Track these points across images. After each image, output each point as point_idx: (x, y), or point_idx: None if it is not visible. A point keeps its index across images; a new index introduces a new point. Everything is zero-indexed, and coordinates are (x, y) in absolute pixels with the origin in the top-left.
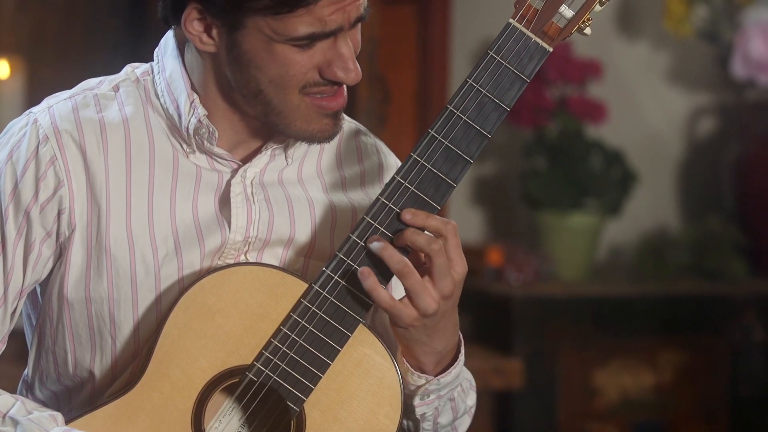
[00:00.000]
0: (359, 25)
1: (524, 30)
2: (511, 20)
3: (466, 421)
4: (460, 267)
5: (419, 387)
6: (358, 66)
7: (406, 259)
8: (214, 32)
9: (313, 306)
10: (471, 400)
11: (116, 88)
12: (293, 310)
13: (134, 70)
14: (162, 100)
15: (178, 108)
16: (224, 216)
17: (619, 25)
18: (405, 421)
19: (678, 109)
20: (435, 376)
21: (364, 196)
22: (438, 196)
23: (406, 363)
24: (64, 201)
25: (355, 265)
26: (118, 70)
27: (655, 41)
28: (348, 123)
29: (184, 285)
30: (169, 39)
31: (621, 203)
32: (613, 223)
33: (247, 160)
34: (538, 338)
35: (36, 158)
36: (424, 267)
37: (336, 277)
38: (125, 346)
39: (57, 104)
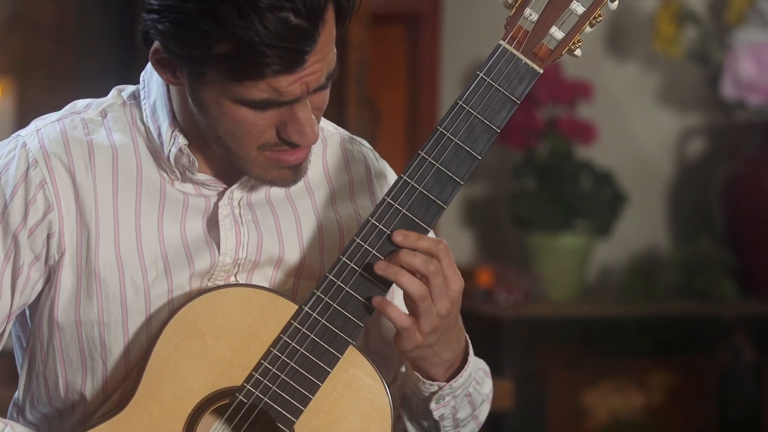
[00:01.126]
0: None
1: (514, 51)
2: (501, 42)
3: (485, 409)
4: (456, 284)
5: (433, 393)
6: (316, 128)
7: (424, 286)
8: (178, 73)
9: (303, 327)
10: (487, 387)
11: (104, 114)
12: (283, 331)
13: (121, 93)
14: (147, 126)
15: (160, 136)
16: (213, 238)
17: (609, 46)
18: (424, 423)
19: (668, 130)
20: (447, 381)
21: (353, 211)
22: (428, 217)
23: (416, 373)
24: (53, 225)
25: (346, 287)
26: (107, 93)
27: (644, 62)
28: (333, 133)
29: (174, 306)
30: None
31: (611, 224)
32: (602, 244)
33: (234, 181)
34: (528, 359)
35: (25, 182)
36: None
37: (326, 299)
38: (116, 368)
39: (45, 127)
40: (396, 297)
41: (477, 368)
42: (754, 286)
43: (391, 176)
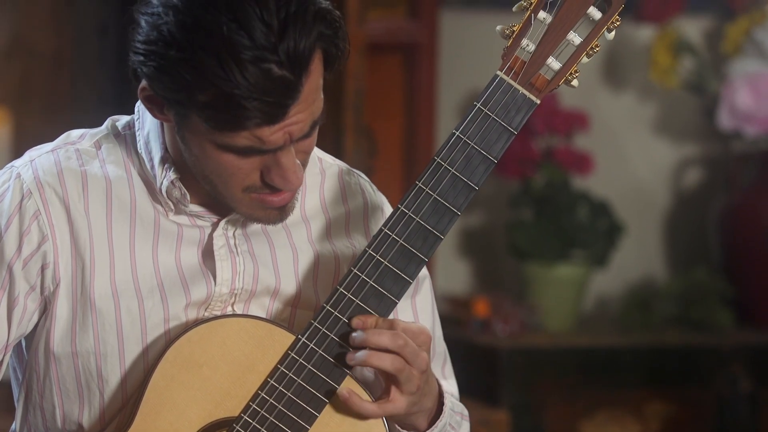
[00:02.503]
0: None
1: (512, 82)
2: (498, 72)
3: None
4: (423, 337)
5: None
6: (301, 173)
7: (398, 357)
8: (166, 110)
9: (300, 358)
10: (464, 430)
11: (98, 145)
12: (280, 362)
13: (115, 123)
14: (141, 157)
15: (153, 168)
16: (208, 268)
17: (606, 76)
18: None
19: (664, 161)
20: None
21: (348, 243)
22: (425, 248)
23: (397, 426)
24: (48, 255)
25: (343, 318)
26: (104, 121)
27: (641, 92)
28: (332, 164)
29: (170, 336)
30: None
31: (608, 254)
32: (599, 275)
33: (228, 211)
34: (524, 390)
35: (20, 213)
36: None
37: (323, 330)
38: (113, 398)
39: (39, 158)
40: (421, 290)
41: (453, 413)
42: (750, 317)
43: (388, 209)
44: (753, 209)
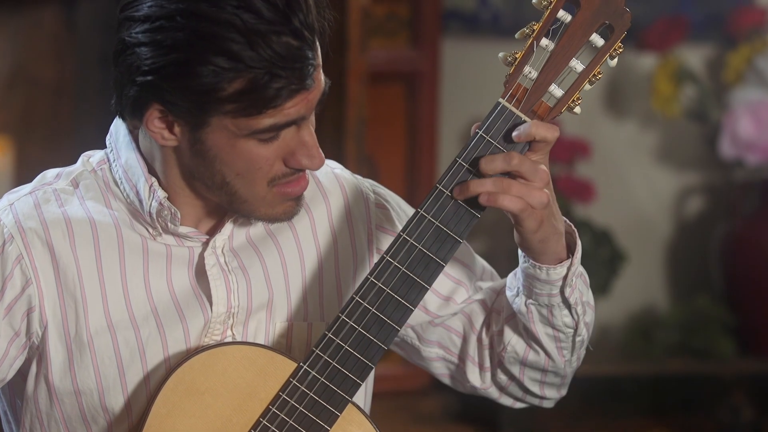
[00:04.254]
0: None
1: (514, 109)
2: (500, 99)
3: (591, 295)
4: (543, 175)
5: (564, 278)
6: (322, 152)
7: (520, 199)
8: (176, 129)
9: (302, 385)
10: (589, 317)
11: (75, 183)
12: (282, 389)
13: (89, 159)
14: (122, 188)
15: (138, 194)
16: (203, 290)
17: (607, 104)
18: (558, 321)
19: (666, 189)
20: (568, 258)
21: (331, 240)
22: (427, 275)
23: (543, 265)
24: (33, 299)
25: (345, 345)
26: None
27: (643, 121)
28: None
29: (171, 363)
30: (119, 125)
31: (609, 282)
32: (601, 303)
33: (213, 230)
34: (526, 418)
35: (2, 258)
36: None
37: (325, 357)
38: (120, 424)
39: (18, 201)
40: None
41: (583, 272)
42: (752, 345)
43: (365, 186)
44: (755, 237)
